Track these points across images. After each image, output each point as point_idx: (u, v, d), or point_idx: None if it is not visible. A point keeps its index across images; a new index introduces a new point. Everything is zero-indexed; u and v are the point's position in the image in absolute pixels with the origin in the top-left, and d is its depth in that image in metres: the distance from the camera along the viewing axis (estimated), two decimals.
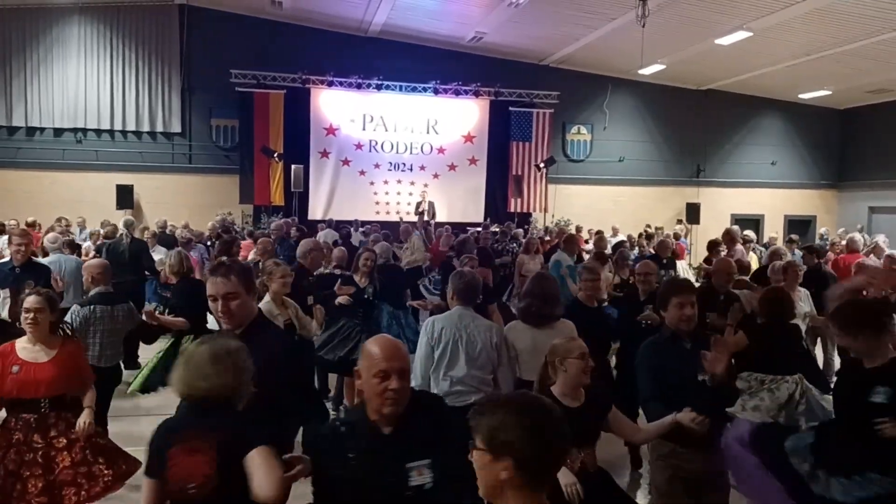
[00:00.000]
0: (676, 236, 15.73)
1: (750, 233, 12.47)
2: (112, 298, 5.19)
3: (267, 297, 5.03)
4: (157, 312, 5.38)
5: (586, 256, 10.60)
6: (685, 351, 3.49)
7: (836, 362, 7.17)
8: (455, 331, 4.07)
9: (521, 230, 14.72)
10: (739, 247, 9.73)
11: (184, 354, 2.44)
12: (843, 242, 11.07)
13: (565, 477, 2.87)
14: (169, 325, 5.31)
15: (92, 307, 4.97)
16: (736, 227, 11.01)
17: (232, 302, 2.75)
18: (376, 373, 2.21)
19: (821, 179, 21.20)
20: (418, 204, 16.60)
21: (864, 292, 5.43)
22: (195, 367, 2.35)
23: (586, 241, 13.97)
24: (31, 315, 3.82)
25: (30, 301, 3.88)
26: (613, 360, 5.64)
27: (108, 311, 5.04)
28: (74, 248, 9.39)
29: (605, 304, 6.51)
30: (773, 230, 18.10)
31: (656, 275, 5.74)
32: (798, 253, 10.45)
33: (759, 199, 20.54)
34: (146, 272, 8.94)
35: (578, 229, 15.75)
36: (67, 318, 4.79)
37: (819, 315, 6.43)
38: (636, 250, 12.46)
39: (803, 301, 6.55)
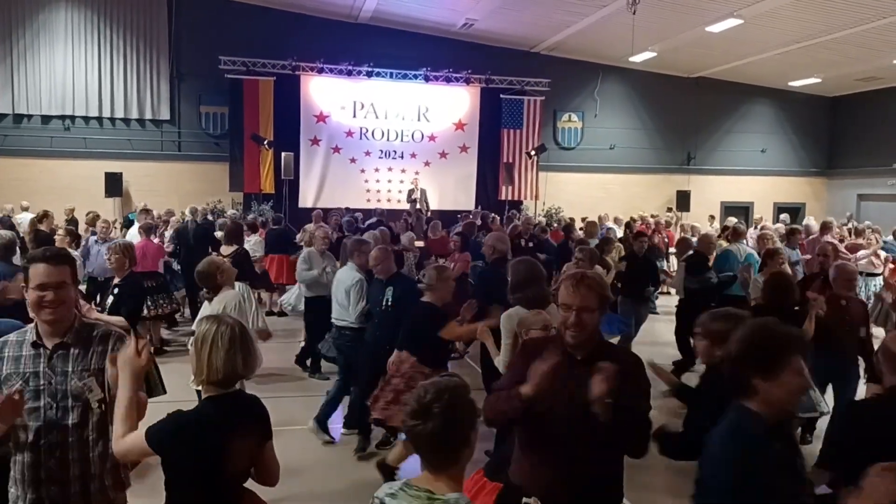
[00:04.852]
0: (668, 223, 15.78)
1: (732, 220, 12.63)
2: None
3: None
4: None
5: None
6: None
7: None
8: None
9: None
10: None
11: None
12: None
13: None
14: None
15: None
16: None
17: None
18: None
19: (810, 167, 21.29)
20: (410, 192, 16.44)
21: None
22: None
23: (581, 229, 13.87)
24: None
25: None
26: None
27: None
28: (75, 237, 9.36)
29: None
30: (765, 218, 18.16)
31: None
32: None
33: (749, 186, 20.63)
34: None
35: (617, 220, 15.32)
36: None
37: None
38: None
39: None
